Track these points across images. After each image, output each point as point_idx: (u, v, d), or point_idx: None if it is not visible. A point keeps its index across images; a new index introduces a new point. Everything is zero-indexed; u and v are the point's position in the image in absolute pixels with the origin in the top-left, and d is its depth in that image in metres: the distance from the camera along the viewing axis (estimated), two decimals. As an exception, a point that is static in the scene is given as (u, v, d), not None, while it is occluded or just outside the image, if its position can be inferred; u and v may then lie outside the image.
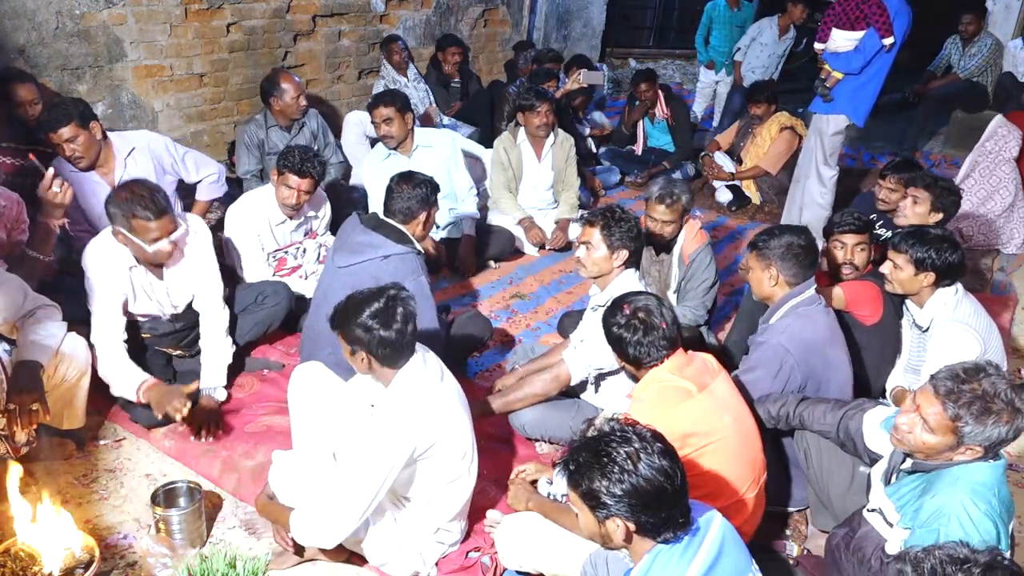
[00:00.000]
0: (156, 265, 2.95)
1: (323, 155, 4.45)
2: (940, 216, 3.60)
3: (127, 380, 2.84)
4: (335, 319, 2.26)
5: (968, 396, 1.90)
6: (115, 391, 2.87)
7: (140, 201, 2.72)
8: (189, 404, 2.73)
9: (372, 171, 4.44)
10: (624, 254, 2.90)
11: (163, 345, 3.20)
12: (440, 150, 4.51)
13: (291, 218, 3.65)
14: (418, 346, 2.28)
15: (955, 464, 1.97)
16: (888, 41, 4.53)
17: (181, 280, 3.06)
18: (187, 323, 3.17)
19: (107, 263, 2.87)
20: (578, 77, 5.78)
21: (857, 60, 4.64)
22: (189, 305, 3.13)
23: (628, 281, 2.92)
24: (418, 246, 3.07)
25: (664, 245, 3.62)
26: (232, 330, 3.22)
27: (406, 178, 3.12)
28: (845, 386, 2.78)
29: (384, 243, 2.97)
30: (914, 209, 3.62)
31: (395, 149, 4.40)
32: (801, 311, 2.74)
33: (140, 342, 3.10)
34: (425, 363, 2.26)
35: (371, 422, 2.22)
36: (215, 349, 3.10)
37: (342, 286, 2.97)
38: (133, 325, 3.03)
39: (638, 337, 2.30)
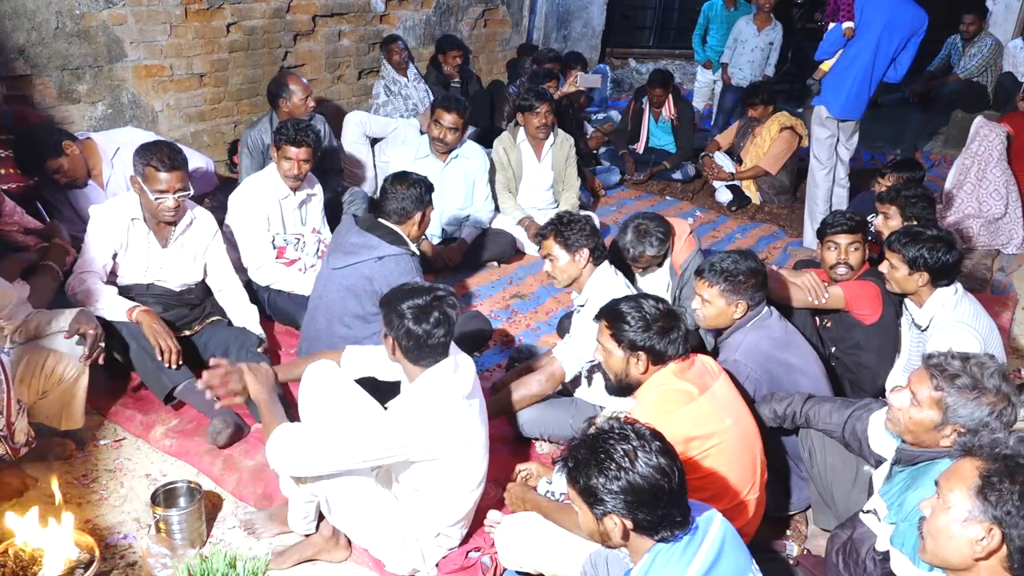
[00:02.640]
0: (161, 225, 3.08)
1: (328, 162, 4.47)
2: (915, 223, 3.48)
3: (116, 303, 2.97)
4: (385, 298, 2.30)
5: (955, 370, 1.96)
6: (103, 313, 2.93)
7: (158, 153, 2.93)
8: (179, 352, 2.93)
9: (400, 168, 4.47)
10: (585, 252, 2.93)
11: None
12: (473, 162, 4.60)
13: (295, 191, 3.69)
14: (458, 356, 2.30)
15: (940, 455, 1.98)
16: (846, 25, 4.59)
17: (184, 257, 3.19)
18: (181, 303, 3.23)
19: (111, 210, 3.06)
20: (575, 79, 5.77)
21: (821, 47, 4.87)
22: (183, 292, 3.23)
23: (603, 275, 2.95)
24: (413, 247, 3.07)
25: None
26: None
27: (400, 178, 3.12)
28: (818, 387, 2.77)
29: (379, 244, 2.97)
30: (887, 224, 3.57)
31: (434, 152, 4.46)
32: (755, 323, 2.75)
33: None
34: (456, 369, 2.27)
35: (387, 410, 2.25)
36: (243, 309, 3.32)
37: (337, 288, 2.99)
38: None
39: (676, 331, 2.30)
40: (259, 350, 3.14)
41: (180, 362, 2.94)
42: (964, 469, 1.59)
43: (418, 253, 3.11)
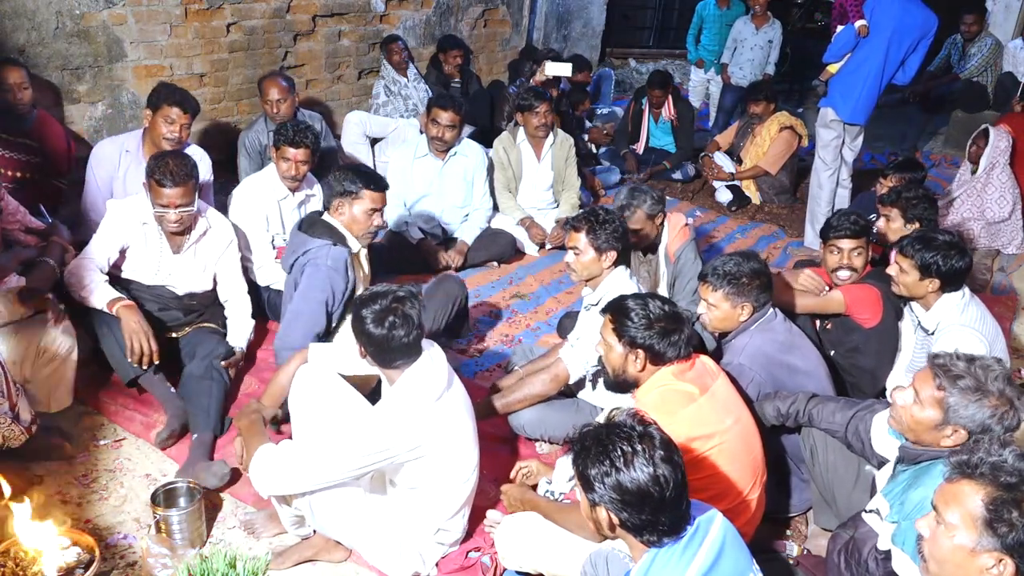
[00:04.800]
0: (174, 235, 3.08)
1: (324, 160, 4.47)
2: (917, 226, 3.46)
3: (102, 292, 2.94)
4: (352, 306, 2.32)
5: (960, 371, 1.96)
6: (88, 301, 2.92)
7: (163, 166, 2.91)
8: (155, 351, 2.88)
9: (400, 168, 4.49)
10: (612, 255, 2.91)
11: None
12: (471, 159, 4.60)
13: (293, 192, 3.69)
14: (430, 350, 2.30)
15: (942, 454, 1.98)
16: (859, 23, 4.57)
17: (195, 266, 3.18)
18: (179, 307, 3.23)
19: (125, 209, 3.08)
20: (543, 68, 5.68)
21: (830, 49, 4.85)
22: (185, 297, 3.22)
23: (620, 278, 2.93)
24: (353, 243, 3.07)
25: (650, 245, 3.65)
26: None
27: (341, 168, 3.14)
28: (822, 388, 2.76)
29: (305, 241, 3.00)
30: (890, 227, 3.55)
31: (432, 151, 4.46)
32: (760, 326, 2.74)
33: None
34: (432, 363, 2.27)
35: (369, 414, 2.25)
36: (239, 323, 3.28)
37: (288, 286, 3.11)
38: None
39: (679, 333, 2.29)
40: (223, 363, 3.05)
41: (154, 363, 2.90)
42: (964, 495, 1.54)
43: (354, 250, 3.08)
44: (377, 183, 3.09)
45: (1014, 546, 1.47)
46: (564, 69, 5.65)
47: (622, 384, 2.40)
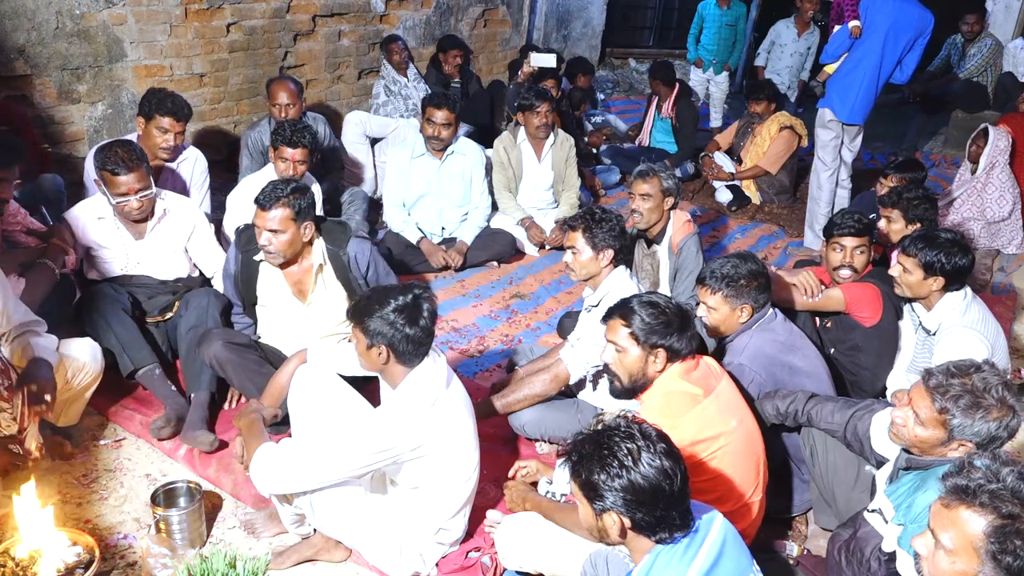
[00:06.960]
0: (135, 221, 3.08)
1: (329, 160, 4.48)
2: (918, 226, 3.46)
3: None
4: (354, 310, 2.24)
5: (957, 390, 1.94)
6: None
7: (113, 156, 2.88)
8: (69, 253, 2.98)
9: (398, 168, 4.48)
10: (610, 253, 2.92)
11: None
12: (468, 158, 4.60)
13: None
14: (433, 354, 2.29)
15: (948, 461, 1.97)
16: (852, 23, 4.60)
17: (163, 249, 3.17)
18: (166, 291, 3.23)
19: (78, 211, 3.11)
20: (529, 60, 5.71)
21: (826, 50, 4.92)
22: (175, 281, 3.23)
23: (620, 278, 2.94)
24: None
25: (654, 237, 3.68)
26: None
27: None
28: (822, 389, 2.75)
29: None
30: (891, 227, 3.56)
31: (430, 151, 4.47)
32: (760, 326, 2.74)
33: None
34: (435, 363, 2.27)
35: (372, 414, 2.25)
36: None
37: None
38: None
39: (692, 328, 2.30)
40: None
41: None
42: (964, 522, 1.51)
43: (255, 256, 2.99)
44: (259, 199, 2.75)
45: (1018, 574, 1.46)
46: (548, 60, 5.70)
47: (633, 391, 2.36)
